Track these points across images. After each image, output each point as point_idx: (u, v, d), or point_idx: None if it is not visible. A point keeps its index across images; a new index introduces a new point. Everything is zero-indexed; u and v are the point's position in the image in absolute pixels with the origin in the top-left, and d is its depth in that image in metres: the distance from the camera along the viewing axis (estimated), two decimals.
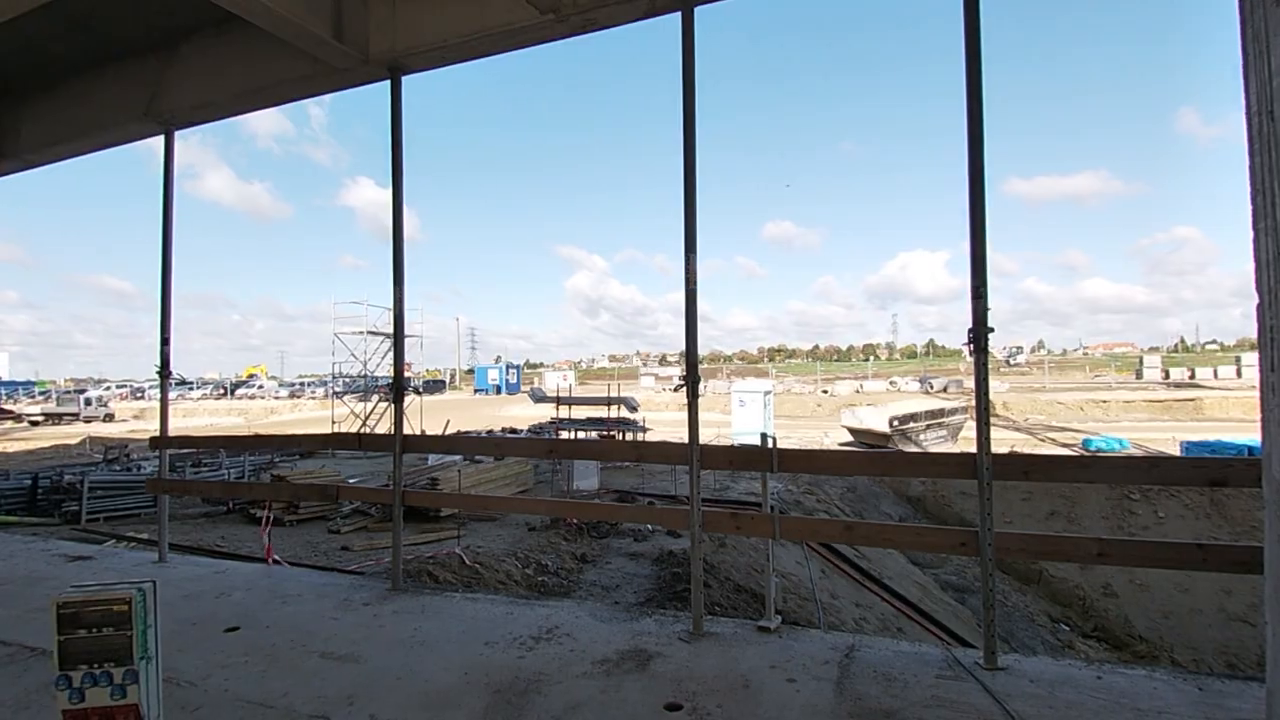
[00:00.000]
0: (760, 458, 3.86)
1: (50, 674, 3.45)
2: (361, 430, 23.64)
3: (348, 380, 29.99)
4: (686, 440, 3.96)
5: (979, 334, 3.41)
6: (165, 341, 5.68)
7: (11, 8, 4.25)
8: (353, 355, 28.17)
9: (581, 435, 22.01)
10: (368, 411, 27.28)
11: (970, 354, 3.47)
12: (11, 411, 48.58)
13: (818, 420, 36.54)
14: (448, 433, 21.20)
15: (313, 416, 42.76)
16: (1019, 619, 14.13)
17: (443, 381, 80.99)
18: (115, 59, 6.25)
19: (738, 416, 24.74)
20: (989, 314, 3.43)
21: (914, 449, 24.13)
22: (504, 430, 26.45)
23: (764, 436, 3.90)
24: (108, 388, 68.67)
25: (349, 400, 28.47)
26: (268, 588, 4.90)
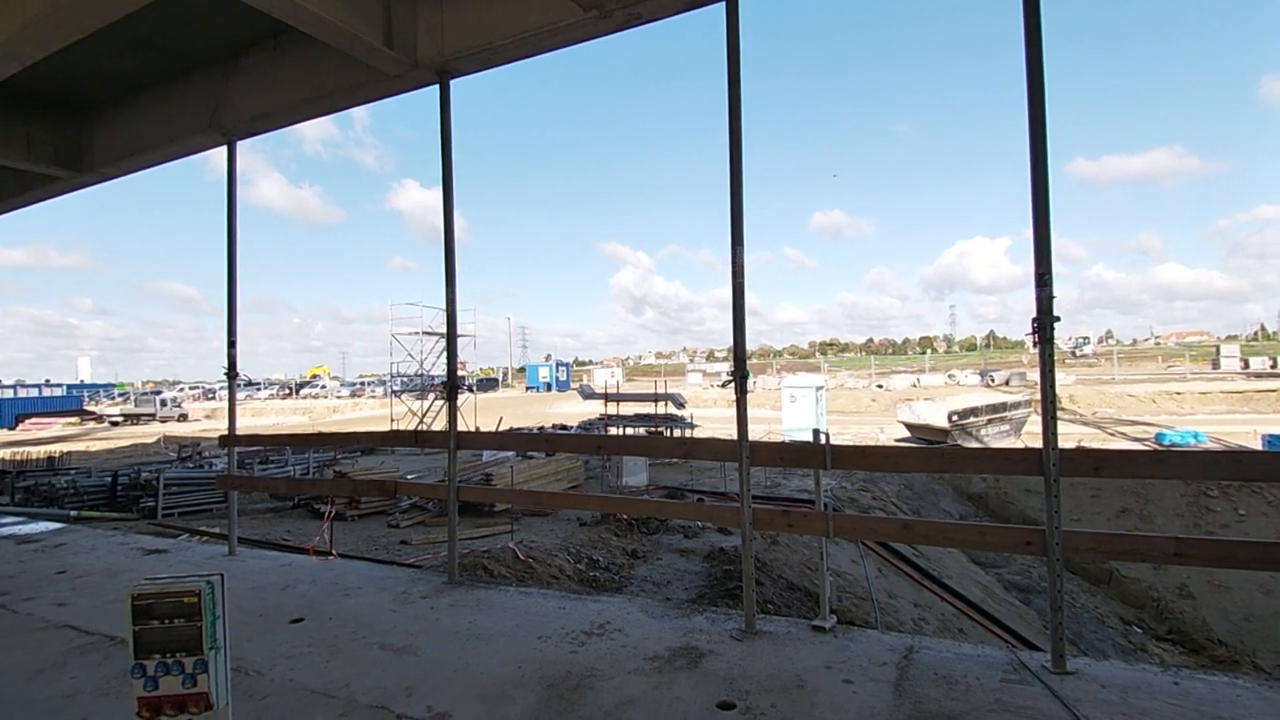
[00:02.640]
0: (813, 454, 3.78)
1: (127, 662, 3.66)
2: (418, 427, 24.29)
3: (405, 379, 30.82)
4: (735, 436, 3.91)
5: (1044, 323, 3.25)
6: (232, 344, 5.94)
7: (80, 27, 4.48)
8: (409, 355, 28.94)
9: (629, 431, 22.08)
10: (425, 409, 27.99)
11: (1034, 345, 3.32)
12: (94, 413, 51.73)
13: (872, 416, 35.72)
14: (500, 429, 21.59)
15: (372, 415, 44.17)
16: (1088, 621, 13.51)
17: (496, 379, 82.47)
18: (180, 74, 6.55)
19: (788, 412, 24.36)
20: (1054, 302, 3.27)
21: (974, 444, 23.34)
22: (554, 427, 26.74)
23: (816, 432, 3.82)
24: (181, 389, 72.53)
25: (406, 398, 29.27)
26: (330, 581, 5.07)
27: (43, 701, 3.22)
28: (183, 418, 49.82)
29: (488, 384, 72.11)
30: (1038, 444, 3.29)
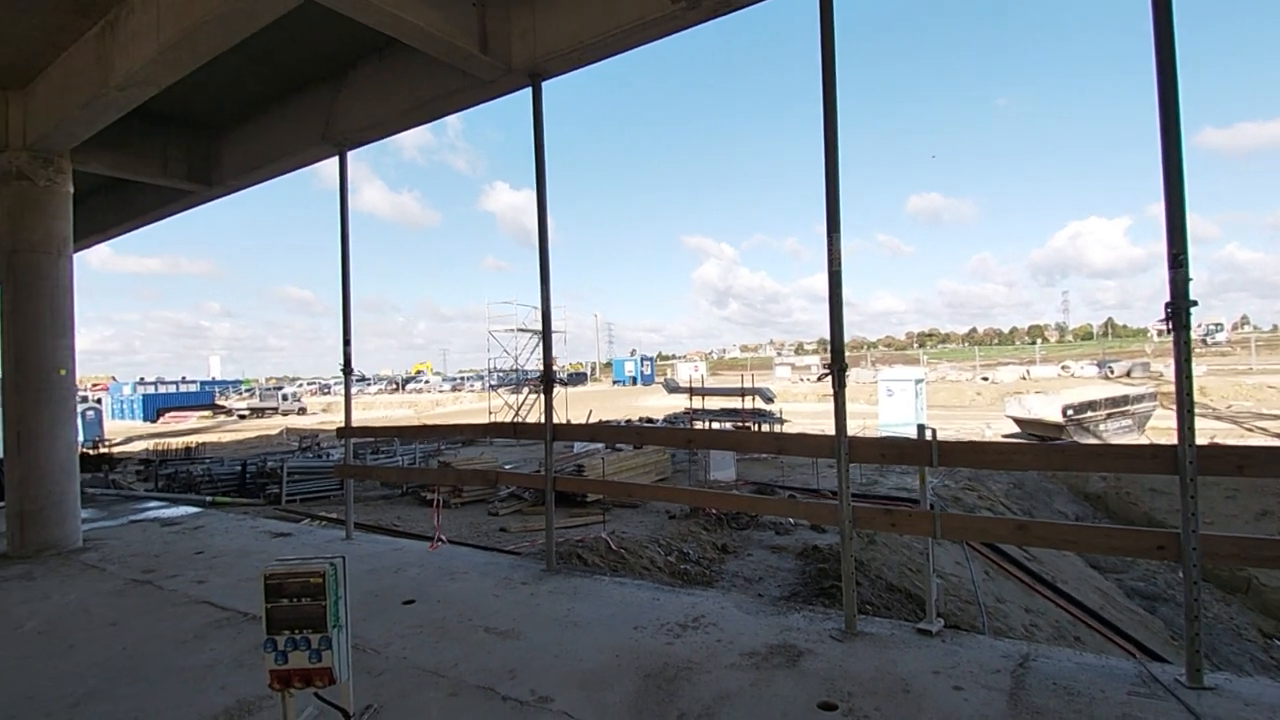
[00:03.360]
0: (917, 450, 3.61)
1: (259, 636, 3.98)
2: (515, 419, 25.17)
3: (501, 374, 31.96)
4: (829, 431, 3.79)
5: (1178, 308, 2.96)
6: (347, 343, 6.35)
7: (206, 51, 4.87)
8: (505, 351, 30.03)
9: (715, 426, 21.94)
10: (520, 403, 28.96)
11: (1167, 331, 3.02)
12: (224, 407, 56.76)
13: (977, 410, 33.81)
14: (590, 422, 22.01)
15: (472, 408, 46.14)
16: (1223, 633, 12.23)
17: (584, 374, 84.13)
18: (295, 91, 7.04)
19: (885, 407, 23.42)
20: (1189, 285, 2.97)
21: (1092, 441, 21.61)
22: (640, 420, 26.97)
23: (921, 428, 3.64)
24: (299, 384, 78.43)
25: (503, 392, 30.39)
26: (438, 565, 5.34)
27: (188, 670, 3.56)
28: (301, 411, 53.83)
29: (576, 378, 73.72)
30: (1166, 440, 3.00)
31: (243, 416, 51.58)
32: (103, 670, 3.57)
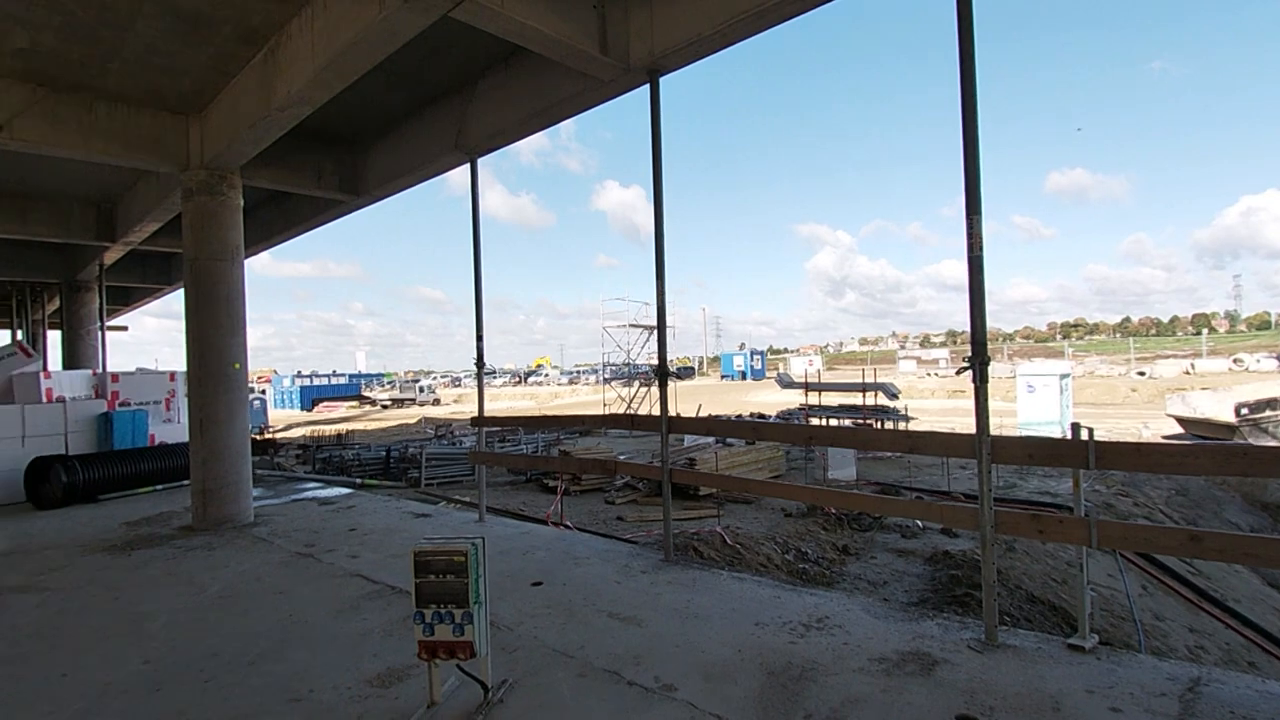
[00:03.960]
0: (1072, 451, 3.31)
1: (405, 609, 4.30)
2: (626, 411, 25.69)
3: (613, 368, 32.70)
4: (959, 430, 3.55)
5: None
6: (479, 339, 6.72)
7: (354, 71, 5.29)
8: (618, 346, 30.69)
9: (833, 423, 21.21)
10: (632, 395, 29.50)
11: None
12: (369, 398, 61.92)
13: (1131, 409, 30.53)
14: (699, 415, 22.01)
15: (587, 400, 47.51)
16: None
17: (692, 368, 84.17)
18: (430, 103, 7.51)
19: (1025, 404, 21.61)
20: None
21: (1271, 443, 18.88)
22: (752, 415, 26.60)
23: (1076, 426, 3.33)
24: (433, 377, 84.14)
25: (616, 385, 31.09)
26: (562, 550, 5.55)
27: (345, 636, 3.91)
28: (436, 402, 57.78)
29: (684, 373, 73.87)
30: None
31: (385, 406, 56.09)
32: (273, 633, 4.00)
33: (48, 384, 9.75)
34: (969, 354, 3.54)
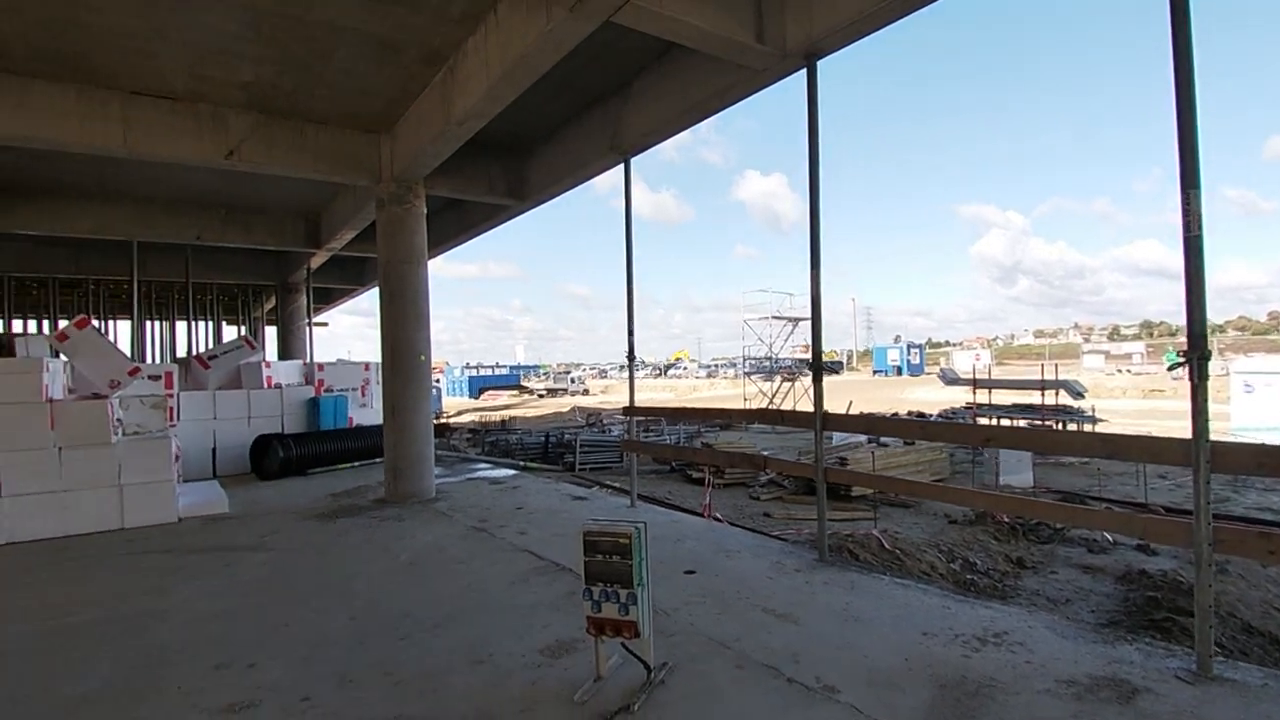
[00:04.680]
0: None
1: (568, 585, 4.55)
2: (768, 406, 25.24)
3: (753, 362, 32.27)
4: (1160, 433, 3.11)
5: None
6: (630, 333, 6.94)
7: (524, 82, 5.62)
8: (759, 339, 30.20)
9: (1005, 423, 19.42)
10: (774, 390, 28.95)
11: None
12: (527, 387, 66.14)
13: None
14: (850, 412, 21.11)
15: (725, 394, 47.36)
16: None
17: (840, 363, 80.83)
18: (586, 107, 7.82)
19: (1242, 406, 18.54)
20: None
21: None
22: (910, 414, 25.03)
23: None
24: (582, 369, 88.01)
25: (756, 379, 30.64)
26: (712, 541, 5.60)
27: (517, 607, 4.22)
28: (585, 392, 60.62)
29: (831, 367, 71.08)
30: None
31: (540, 396, 59.71)
32: (456, 599, 4.41)
33: (268, 372, 11.39)
34: (1182, 348, 3.10)
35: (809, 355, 5.26)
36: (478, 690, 3.09)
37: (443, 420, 28.48)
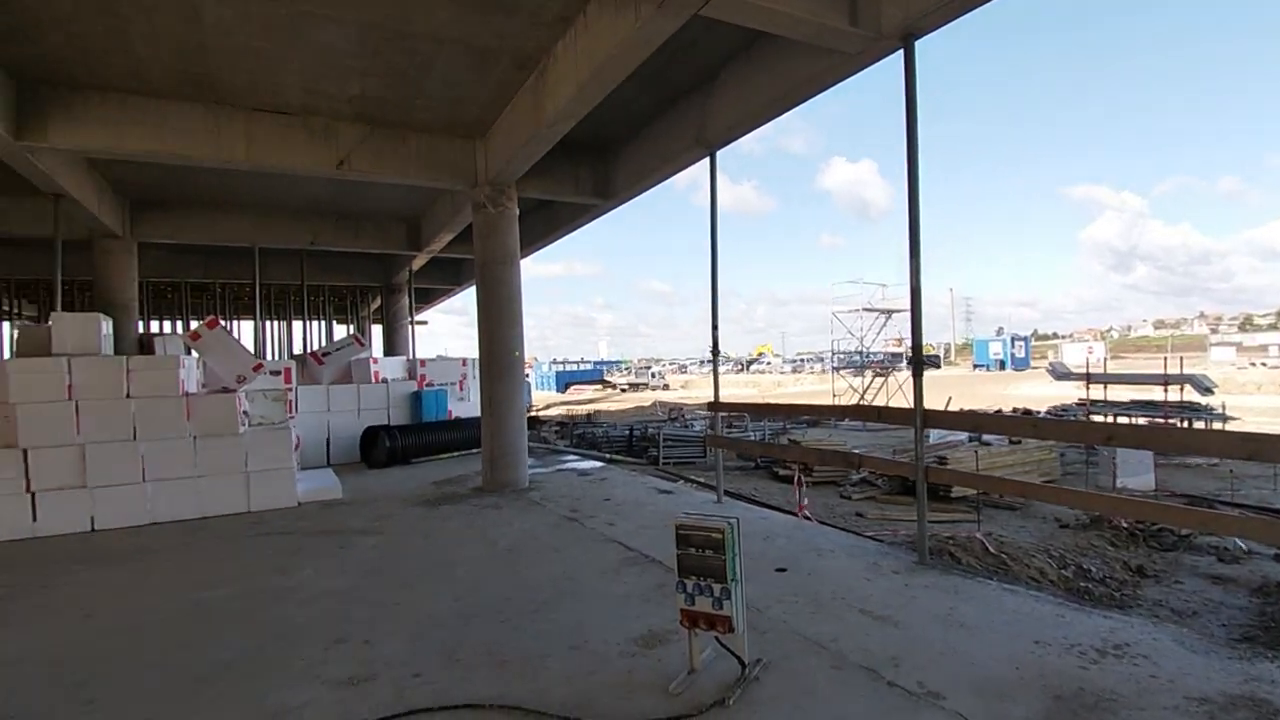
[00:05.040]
0: None
1: (658, 577, 4.60)
2: (859, 403, 24.46)
3: (842, 356, 31.31)
4: None
5: None
6: (715, 327, 6.91)
7: (612, 81, 5.69)
8: (849, 332, 29.26)
9: (1123, 421, 17.97)
10: (865, 385, 28.01)
11: None
12: (610, 382, 67.11)
13: None
14: (954, 409, 20.11)
15: (812, 389, 46.26)
16: None
17: (937, 356, 77.08)
18: (672, 102, 7.82)
19: None
20: None
21: None
22: (1015, 411, 23.58)
23: None
24: (663, 364, 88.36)
25: (845, 374, 29.72)
26: (803, 539, 5.51)
27: (609, 596, 4.31)
28: (665, 387, 60.93)
29: (930, 361, 67.94)
30: None
31: (623, 390, 60.52)
32: (551, 586, 4.55)
33: (375, 368, 12.13)
34: None
35: (902, 349, 5.07)
36: (576, 675, 3.18)
37: (533, 413, 29.35)
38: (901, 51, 4.89)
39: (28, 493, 6.38)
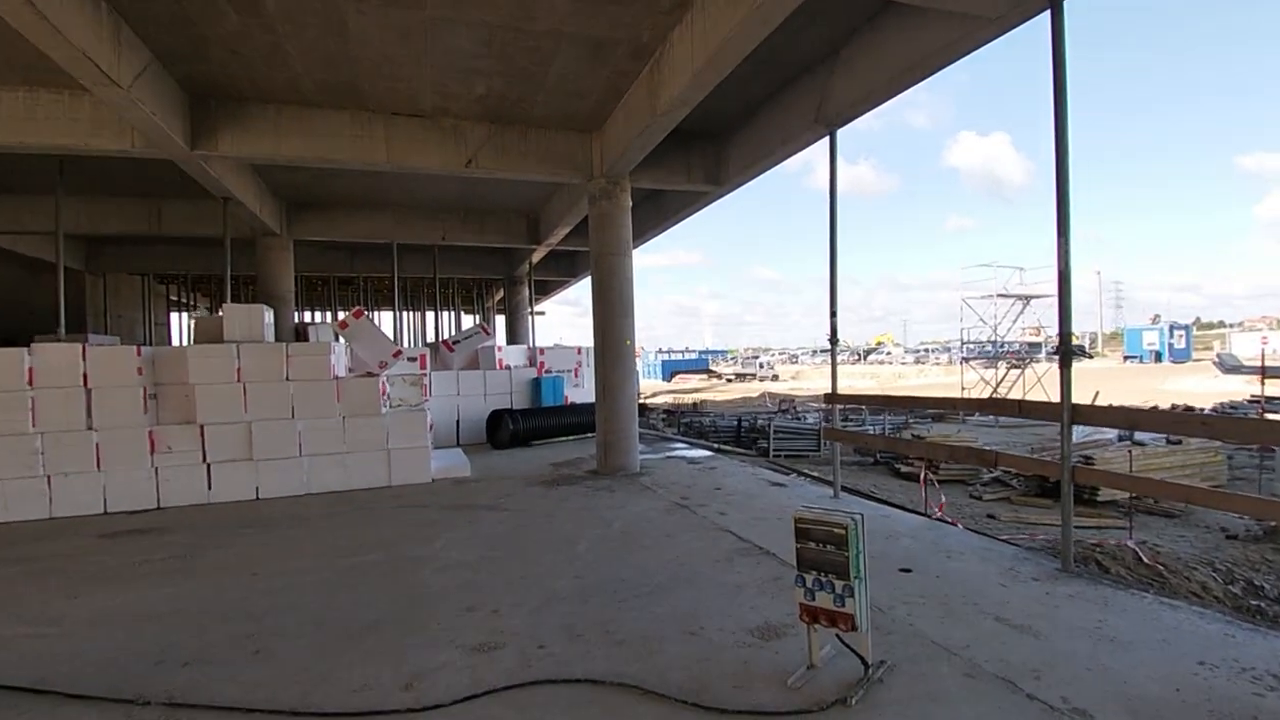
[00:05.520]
0: None
1: (773, 569, 4.53)
2: (991, 396, 22.81)
3: (973, 346, 29.26)
4: None
5: None
6: (833, 315, 6.66)
7: (728, 65, 5.59)
8: (981, 320, 27.27)
9: None
10: (999, 378, 26.07)
11: None
12: (715, 371, 66.67)
13: None
14: (1103, 405, 18.29)
15: (938, 382, 43.65)
16: None
17: (1081, 346, 70.29)
18: (789, 82, 7.59)
19: None
20: None
21: None
22: (1175, 408, 21.07)
23: None
24: (771, 354, 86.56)
25: (976, 365, 27.77)
26: (930, 540, 5.23)
27: (723, 584, 4.29)
28: (774, 378, 59.63)
29: (1078, 351, 62.06)
30: None
31: (729, 380, 59.93)
32: (665, 570, 4.60)
33: (499, 356, 12.80)
34: None
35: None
36: (692, 660, 3.21)
37: (641, 401, 29.79)
38: (1049, 12, 4.47)
39: (204, 464, 7.27)
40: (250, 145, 7.63)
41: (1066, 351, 4.44)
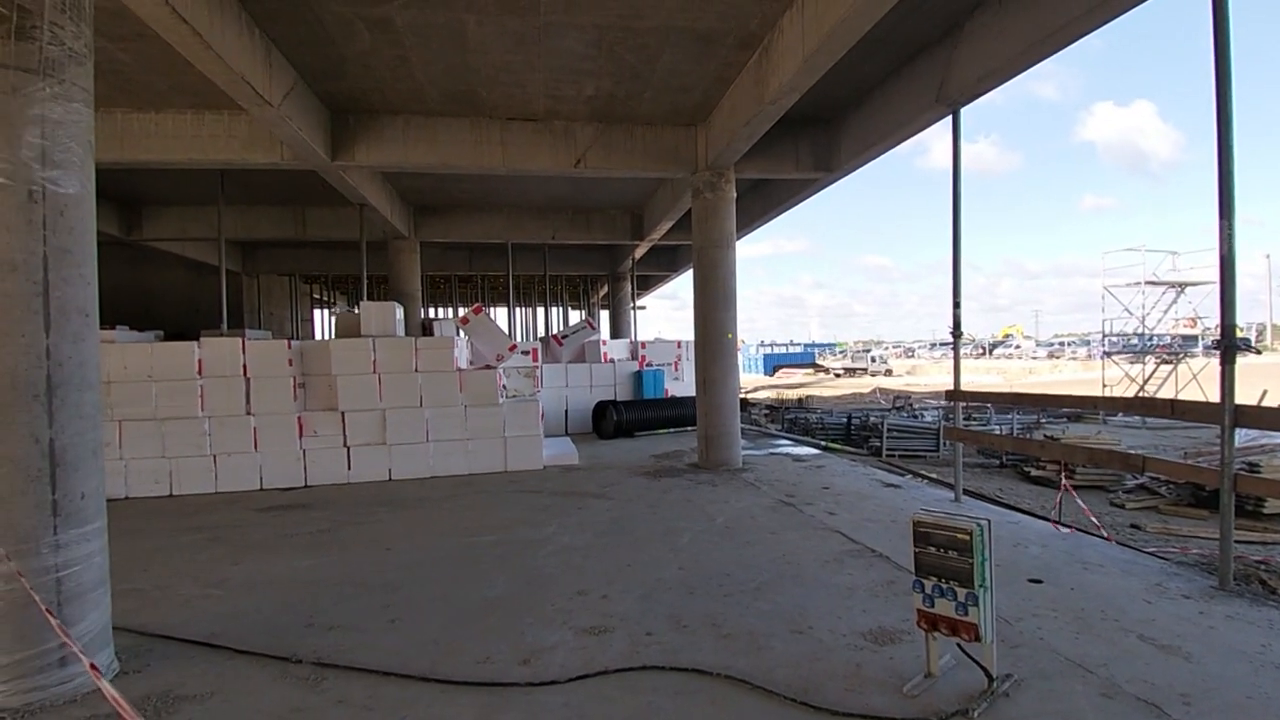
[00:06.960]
0: None
1: (886, 573, 4.37)
2: (1138, 394, 20.67)
3: (1116, 339, 26.58)
4: None
5: None
6: (956, 305, 6.29)
7: (842, 47, 5.39)
8: (1126, 310, 24.69)
9: None
10: (1146, 374, 23.59)
11: None
12: (822, 366, 64.53)
13: None
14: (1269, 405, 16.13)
15: (1074, 378, 40.16)
16: None
17: (1247, 339, 62.08)
18: (905, 62, 7.21)
19: None
20: None
21: None
22: None
23: None
24: (884, 347, 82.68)
25: (1119, 360, 25.21)
26: (1064, 550, 4.85)
27: (832, 585, 4.19)
28: (888, 372, 56.93)
29: (1242, 345, 54.94)
30: None
31: (837, 375, 57.88)
32: (770, 567, 4.56)
33: (605, 349, 13.13)
34: None
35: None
36: (800, 660, 3.17)
37: (742, 395, 29.44)
38: None
39: (344, 447, 7.96)
40: (382, 154, 8.23)
41: (1229, 345, 3.96)
